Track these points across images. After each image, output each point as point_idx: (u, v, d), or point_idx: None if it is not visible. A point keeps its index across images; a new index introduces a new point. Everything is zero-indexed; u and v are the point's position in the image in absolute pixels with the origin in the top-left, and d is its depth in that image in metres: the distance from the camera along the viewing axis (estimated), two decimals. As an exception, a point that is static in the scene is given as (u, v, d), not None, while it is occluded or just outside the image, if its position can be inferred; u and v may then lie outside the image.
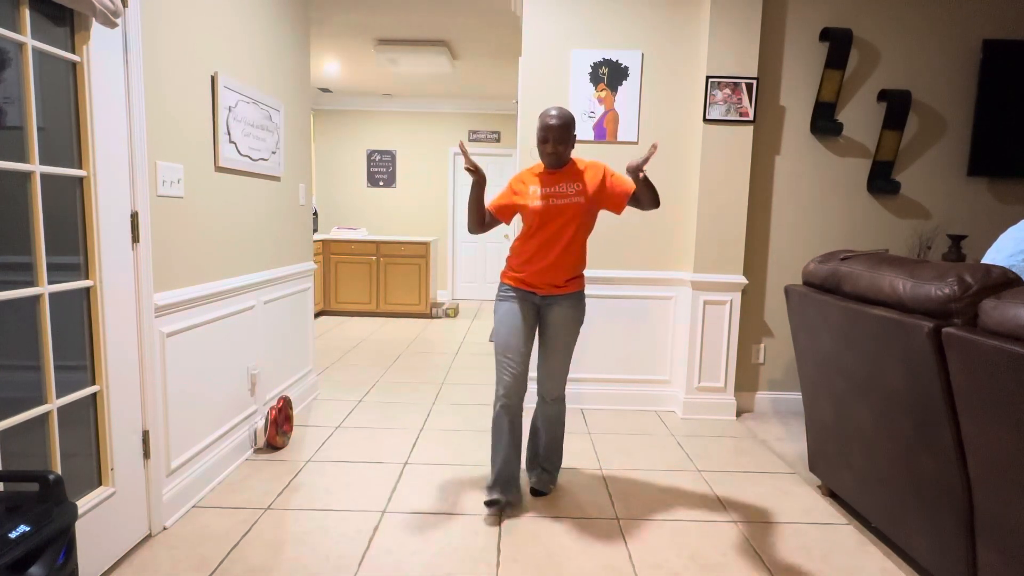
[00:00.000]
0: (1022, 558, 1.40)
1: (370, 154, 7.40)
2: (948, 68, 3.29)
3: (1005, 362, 1.34)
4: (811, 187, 3.35)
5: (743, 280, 3.22)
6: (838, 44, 3.14)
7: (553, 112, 2.07)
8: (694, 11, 3.19)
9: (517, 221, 2.87)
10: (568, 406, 3.41)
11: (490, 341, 5.22)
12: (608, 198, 2.15)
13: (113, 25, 1.66)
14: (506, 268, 2.26)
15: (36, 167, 1.51)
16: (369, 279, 6.30)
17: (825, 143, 3.33)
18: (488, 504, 2.15)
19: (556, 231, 2.12)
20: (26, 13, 1.47)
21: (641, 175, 1.97)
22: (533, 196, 2.14)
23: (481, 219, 2.20)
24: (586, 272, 3.31)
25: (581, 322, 2.24)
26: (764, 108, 3.28)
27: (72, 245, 1.66)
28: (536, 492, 2.31)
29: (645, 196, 2.05)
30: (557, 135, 2.06)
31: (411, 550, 1.93)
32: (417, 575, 1.80)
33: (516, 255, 2.21)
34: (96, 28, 1.67)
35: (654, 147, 1.94)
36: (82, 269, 1.69)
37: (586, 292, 3.33)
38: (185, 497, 2.14)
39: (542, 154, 2.12)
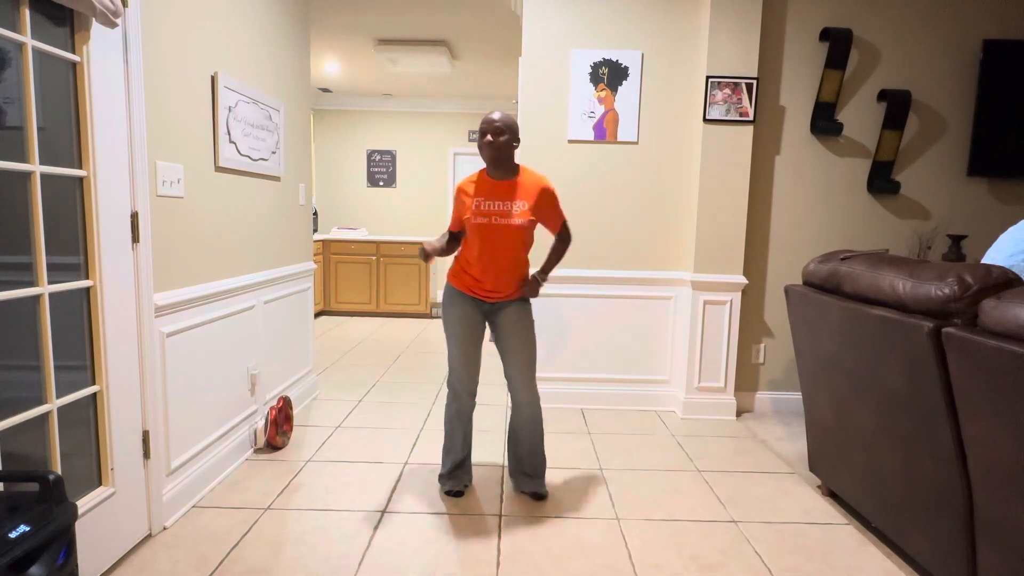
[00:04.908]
0: (1022, 558, 1.40)
1: (370, 154, 7.39)
2: (948, 68, 3.29)
3: (1005, 362, 1.34)
4: (811, 187, 3.35)
5: (743, 280, 3.22)
6: (838, 44, 3.14)
7: (495, 114, 2.11)
8: (694, 11, 3.19)
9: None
10: (568, 406, 3.41)
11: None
12: (545, 220, 2.22)
13: (113, 25, 1.66)
14: (454, 268, 2.26)
15: (36, 167, 1.51)
16: (369, 279, 6.30)
17: (825, 143, 3.33)
18: (448, 495, 2.32)
19: (499, 248, 2.13)
20: (26, 13, 1.47)
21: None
22: (475, 209, 2.14)
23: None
24: (586, 272, 3.33)
25: (532, 321, 2.26)
26: (764, 108, 3.28)
27: (72, 245, 1.66)
28: (536, 496, 2.30)
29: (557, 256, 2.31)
30: (493, 128, 2.08)
31: (411, 550, 1.93)
32: (417, 575, 1.80)
33: (463, 262, 2.23)
34: (96, 28, 1.67)
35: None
36: (82, 269, 1.69)
37: (585, 292, 3.35)
38: (185, 497, 2.14)
39: (481, 148, 2.12)
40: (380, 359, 4.48)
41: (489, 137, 2.09)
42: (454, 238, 2.27)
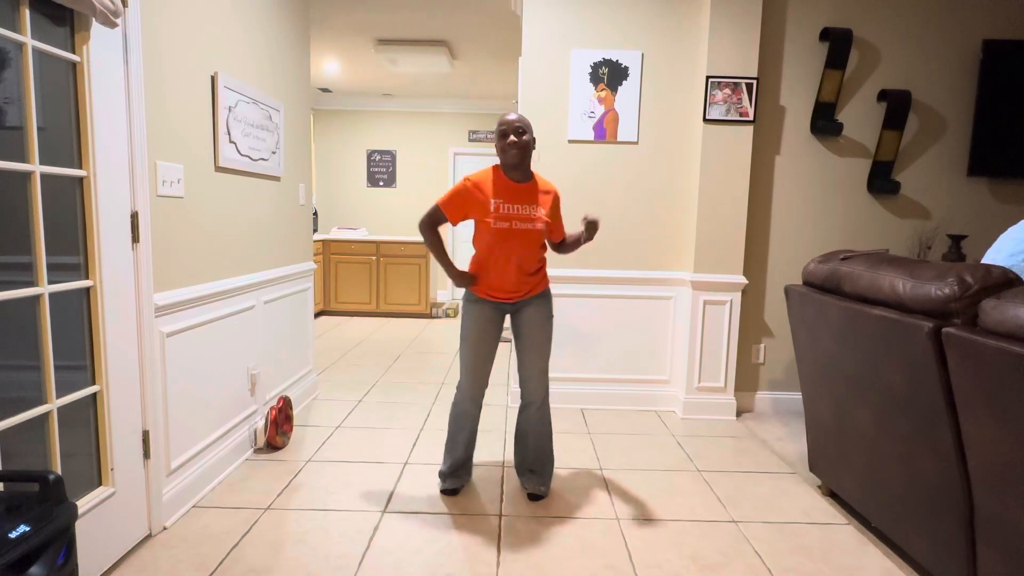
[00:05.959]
0: (1022, 558, 1.40)
1: (370, 154, 7.39)
2: (948, 68, 3.29)
3: (1005, 362, 1.34)
4: (811, 187, 3.35)
5: (743, 280, 3.22)
6: (838, 44, 3.14)
7: (511, 115, 2.10)
8: (694, 11, 3.19)
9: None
10: (568, 406, 3.41)
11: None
12: (553, 226, 2.27)
13: (113, 25, 1.66)
14: (471, 270, 2.22)
15: (36, 167, 1.51)
16: (369, 279, 6.30)
17: (825, 143, 3.33)
18: (444, 492, 2.33)
19: (517, 251, 2.11)
20: (26, 13, 1.47)
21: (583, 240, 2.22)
22: (495, 213, 2.07)
23: (443, 251, 2.23)
24: (586, 272, 3.33)
25: (552, 317, 2.27)
26: (764, 108, 3.28)
27: (72, 245, 1.66)
28: (533, 497, 2.30)
29: (571, 248, 2.37)
30: (515, 128, 2.06)
31: (411, 550, 1.93)
32: (417, 575, 1.80)
33: (479, 266, 2.17)
34: (96, 28, 1.67)
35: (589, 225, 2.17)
36: (82, 269, 1.69)
37: (585, 292, 3.35)
38: (185, 497, 2.14)
39: (505, 149, 2.07)
40: (380, 359, 4.48)
41: (513, 138, 2.06)
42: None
